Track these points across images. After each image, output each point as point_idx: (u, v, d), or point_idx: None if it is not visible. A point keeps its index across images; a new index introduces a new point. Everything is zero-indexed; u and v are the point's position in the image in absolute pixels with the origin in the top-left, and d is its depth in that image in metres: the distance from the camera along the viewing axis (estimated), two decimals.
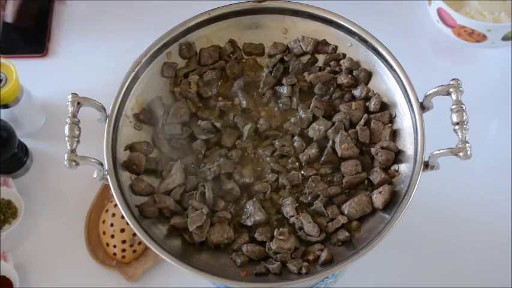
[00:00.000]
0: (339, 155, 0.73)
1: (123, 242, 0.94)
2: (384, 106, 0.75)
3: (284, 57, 0.80)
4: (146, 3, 1.15)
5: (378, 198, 0.70)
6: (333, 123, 0.75)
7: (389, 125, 0.74)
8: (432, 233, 0.93)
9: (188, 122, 0.77)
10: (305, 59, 0.80)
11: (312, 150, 0.74)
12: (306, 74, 0.79)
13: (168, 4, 1.12)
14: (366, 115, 0.75)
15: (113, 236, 0.94)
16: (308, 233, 0.70)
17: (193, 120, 0.78)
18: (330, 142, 0.74)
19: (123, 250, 0.94)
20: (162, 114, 0.77)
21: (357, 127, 0.74)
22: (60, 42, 1.13)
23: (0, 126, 0.94)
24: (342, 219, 0.70)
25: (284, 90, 0.78)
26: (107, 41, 1.12)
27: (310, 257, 0.69)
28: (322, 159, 0.74)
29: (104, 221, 0.96)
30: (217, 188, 0.73)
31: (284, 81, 0.78)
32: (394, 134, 0.74)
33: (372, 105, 0.75)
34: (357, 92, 0.77)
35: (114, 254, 0.94)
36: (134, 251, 0.94)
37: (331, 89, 0.77)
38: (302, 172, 0.74)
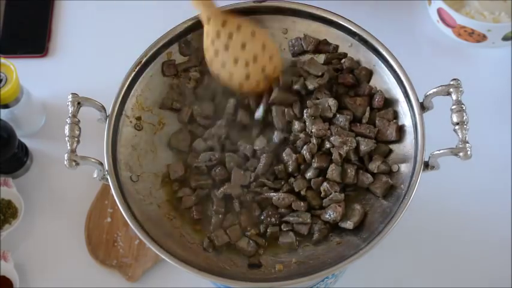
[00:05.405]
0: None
1: None
2: (388, 103, 0.75)
3: None
4: (146, 3, 1.15)
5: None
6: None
7: (394, 121, 0.74)
8: (432, 233, 0.93)
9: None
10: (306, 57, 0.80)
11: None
12: None
13: (168, 4, 1.12)
14: (368, 110, 0.74)
15: None
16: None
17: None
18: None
19: None
20: None
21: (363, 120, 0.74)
22: (60, 42, 1.13)
23: (0, 126, 0.94)
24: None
25: None
26: (107, 41, 1.12)
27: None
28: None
29: None
30: None
31: None
32: (400, 130, 0.73)
33: (376, 101, 0.75)
34: (360, 90, 0.76)
35: None
36: None
37: (334, 86, 0.77)
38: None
